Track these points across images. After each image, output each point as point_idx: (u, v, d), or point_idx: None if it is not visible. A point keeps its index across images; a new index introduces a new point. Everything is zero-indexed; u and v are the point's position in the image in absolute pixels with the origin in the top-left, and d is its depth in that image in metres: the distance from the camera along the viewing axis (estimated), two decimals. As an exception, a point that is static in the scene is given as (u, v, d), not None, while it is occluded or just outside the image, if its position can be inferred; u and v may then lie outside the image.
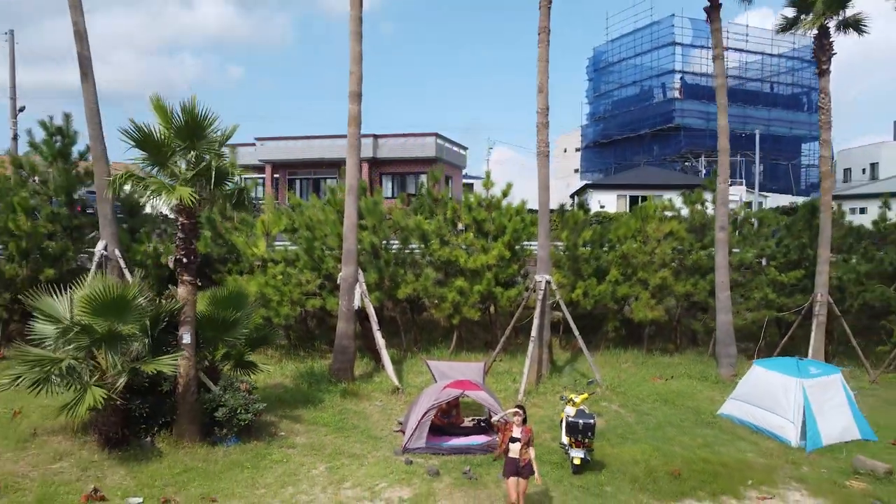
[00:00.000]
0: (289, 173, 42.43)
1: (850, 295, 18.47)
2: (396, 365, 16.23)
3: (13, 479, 9.45)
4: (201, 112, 10.68)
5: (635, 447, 11.87)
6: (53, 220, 18.38)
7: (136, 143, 10.53)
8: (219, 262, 18.80)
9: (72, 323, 10.24)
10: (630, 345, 19.23)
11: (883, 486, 10.51)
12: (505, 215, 18.25)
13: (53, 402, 11.42)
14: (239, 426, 11.17)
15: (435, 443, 11.45)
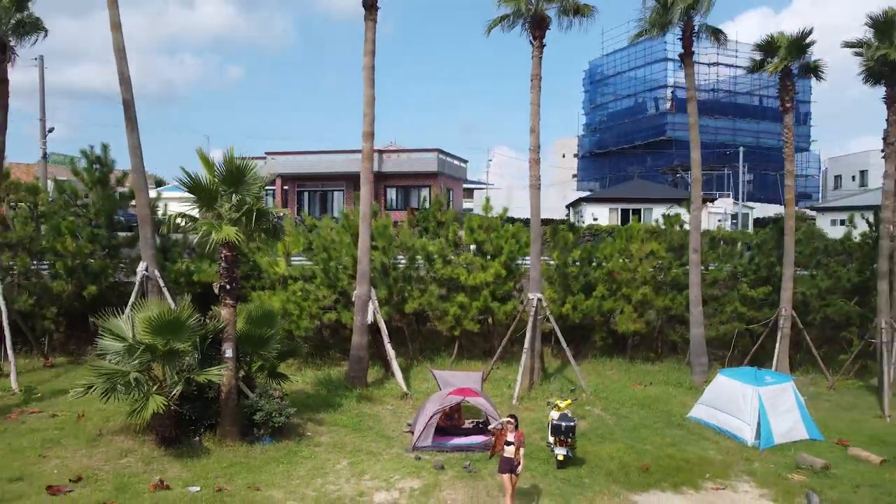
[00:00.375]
0: (298, 185, 44.32)
1: (813, 309, 20.34)
2: (404, 372, 18.08)
3: (91, 472, 11.31)
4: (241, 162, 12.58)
5: (612, 446, 13.73)
6: (94, 241, 20.21)
7: (188, 188, 12.43)
8: (243, 278, 20.65)
9: (136, 341, 12.10)
10: (615, 353, 21.09)
11: (819, 479, 12.37)
12: (502, 237, 20.12)
13: (111, 406, 13.34)
14: (273, 427, 13.04)
15: (440, 442, 13.30)
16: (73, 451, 12.21)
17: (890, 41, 16.80)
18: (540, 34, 17.04)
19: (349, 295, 18.84)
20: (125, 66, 17.07)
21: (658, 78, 55.74)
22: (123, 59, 17.05)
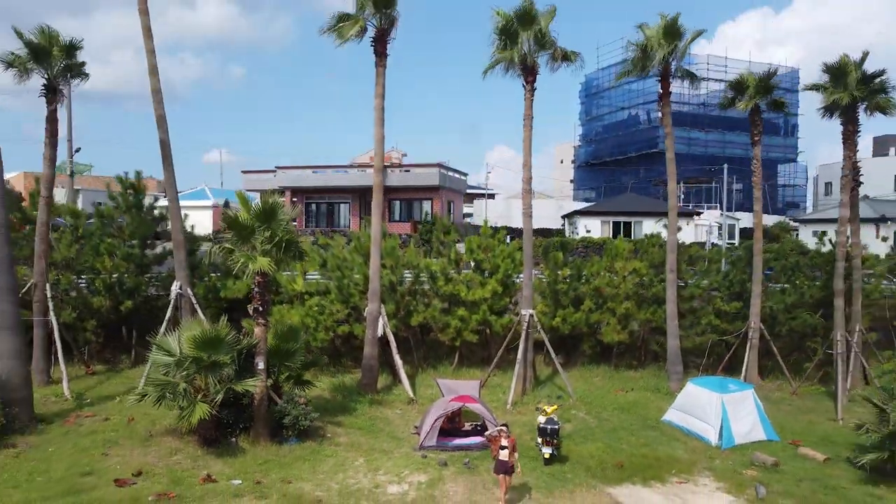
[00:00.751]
0: (305, 198, 46.28)
1: (780, 322, 22.28)
2: (410, 379, 20.02)
3: (148, 467, 13.27)
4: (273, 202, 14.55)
5: (593, 445, 15.67)
6: (128, 260, 22.22)
7: (228, 224, 14.40)
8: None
9: (183, 356, 14.06)
10: (601, 362, 23.03)
11: (768, 474, 14.30)
12: (498, 256, 22.09)
13: (155, 411, 15.31)
14: (299, 430, 14.99)
15: (443, 442, 15.24)
16: (130, 449, 14.17)
17: (843, 86, 18.77)
18: (531, 79, 19.01)
19: (360, 309, 20.82)
20: (161, 108, 19.06)
21: (651, 92, 57.64)
22: (160, 101, 19.04)
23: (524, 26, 18.30)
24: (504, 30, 18.34)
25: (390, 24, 18.96)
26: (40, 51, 18.41)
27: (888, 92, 18.94)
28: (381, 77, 19.16)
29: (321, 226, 45.44)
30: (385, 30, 18.86)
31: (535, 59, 18.73)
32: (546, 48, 18.56)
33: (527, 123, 19.13)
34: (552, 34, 18.52)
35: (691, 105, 57.02)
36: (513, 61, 18.66)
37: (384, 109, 19.18)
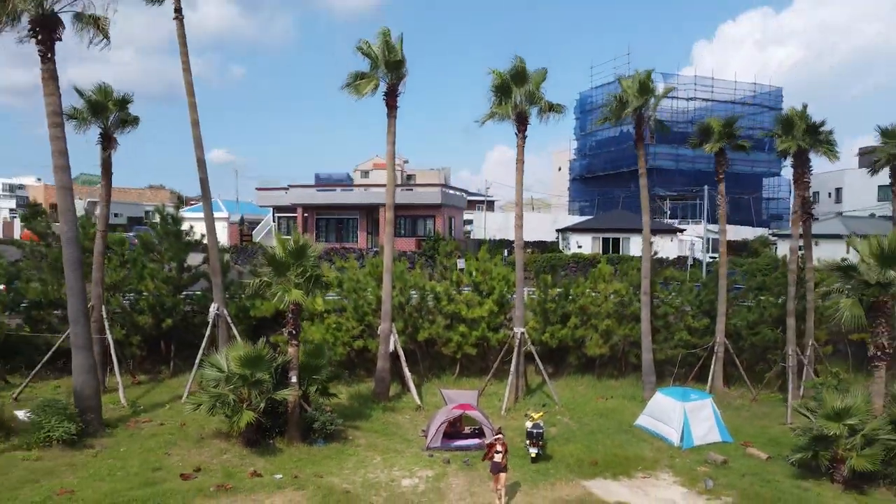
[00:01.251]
0: (316, 214, 48.99)
1: (743, 337, 24.99)
2: (416, 388, 22.71)
3: (204, 464, 15.97)
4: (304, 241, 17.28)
5: (573, 446, 18.37)
6: (167, 282, 24.97)
7: (268, 261, 17.13)
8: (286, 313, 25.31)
9: (231, 372, 16.78)
10: (586, 372, 25.73)
11: (718, 470, 16.99)
12: (495, 279, 24.82)
13: (202, 417, 17.99)
14: (326, 433, 17.69)
15: (446, 443, 17.94)
16: (187, 450, 16.89)
17: (792, 136, 21.51)
18: (523, 129, 21.75)
19: (374, 327, 23.56)
20: (201, 151, 21.80)
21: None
22: (200, 146, 21.78)
23: (517, 84, 21.06)
24: (499, 87, 21.11)
25: (399, 80, 21.71)
26: (98, 106, 21.15)
27: (831, 143, 21.71)
28: (392, 126, 21.92)
29: (330, 240, 48.15)
30: (395, 85, 21.61)
31: (527, 111, 21.48)
32: (536, 103, 21.31)
33: (519, 167, 21.88)
34: (541, 91, 21.23)
35: (679, 124, 59.66)
36: (507, 114, 21.40)
37: (395, 154, 21.91)
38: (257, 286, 17.03)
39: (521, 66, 21.06)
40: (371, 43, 21.25)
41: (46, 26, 17.38)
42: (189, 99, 21.55)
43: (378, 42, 21.11)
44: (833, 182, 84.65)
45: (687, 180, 59.13)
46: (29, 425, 17.01)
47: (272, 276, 17.26)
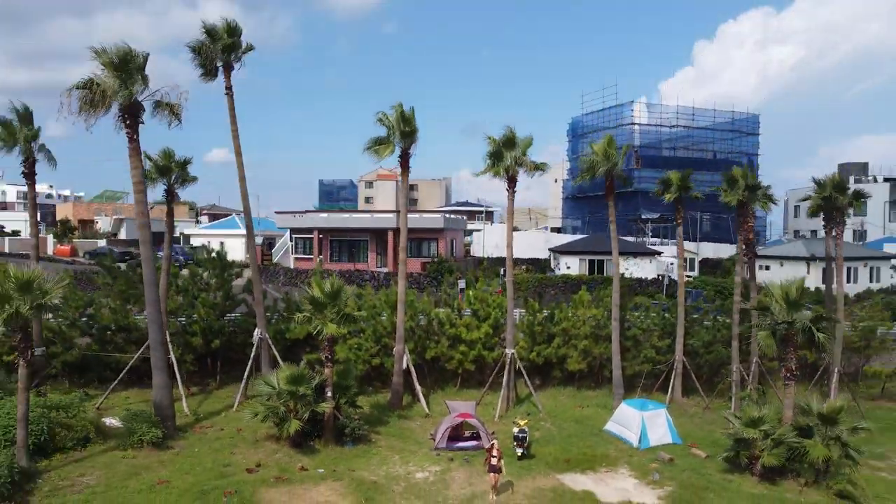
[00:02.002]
0: (330, 236, 53.27)
1: (700, 355, 29.23)
2: (425, 398, 26.92)
3: (262, 461, 20.20)
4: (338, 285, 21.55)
5: (552, 447, 22.58)
6: (214, 308, 29.21)
7: (309, 301, 21.39)
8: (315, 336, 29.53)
9: (281, 389, 21.03)
10: (567, 384, 29.95)
11: (664, 466, 21.19)
12: (491, 307, 29.05)
13: (254, 423, 22.20)
14: (354, 437, 21.92)
15: (450, 445, 22.14)
16: (247, 450, 21.15)
17: (735, 191, 25.79)
18: (512, 185, 26.04)
19: (389, 347, 27.79)
20: (248, 203, 26.09)
21: (627, 138, 64.74)
22: (247, 198, 26.08)
23: (508, 149, 25.36)
24: (493, 152, 25.41)
25: (411, 145, 25.99)
26: (164, 169, 25.47)
27: (768, 197, 26.09)
28: (406, 181, 26.21)
29: (343, 259, 52.41)
30: (407, 149, 25.90)
31: (516, 171, 25.76)
32: (523, 165, 25.60)
33: (509, 218, 26.15)
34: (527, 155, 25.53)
35: (663, 149, 63.96)
36: (499, 173, 25.68)
37: (407, 206, 26.18)
38: (301, 320, 21.24)
39: (512, 134, 25.36)
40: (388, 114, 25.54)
41: (133, 112, 21.64)
42: (237, 159, 25.89)
43: (394, 114, 25.39)
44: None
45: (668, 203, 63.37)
46: (120, 430, 21.30)
47: (312, 312, 21.53)
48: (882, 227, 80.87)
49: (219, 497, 17.55)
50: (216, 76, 25.87)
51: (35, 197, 26.06)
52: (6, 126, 24.13)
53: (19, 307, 17.27)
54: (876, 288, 49.90)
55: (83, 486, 17.95)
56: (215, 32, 25.09)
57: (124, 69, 20.80)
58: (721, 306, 31.93)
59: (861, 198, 28.60)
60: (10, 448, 18.05)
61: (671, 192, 28.19)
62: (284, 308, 30.11)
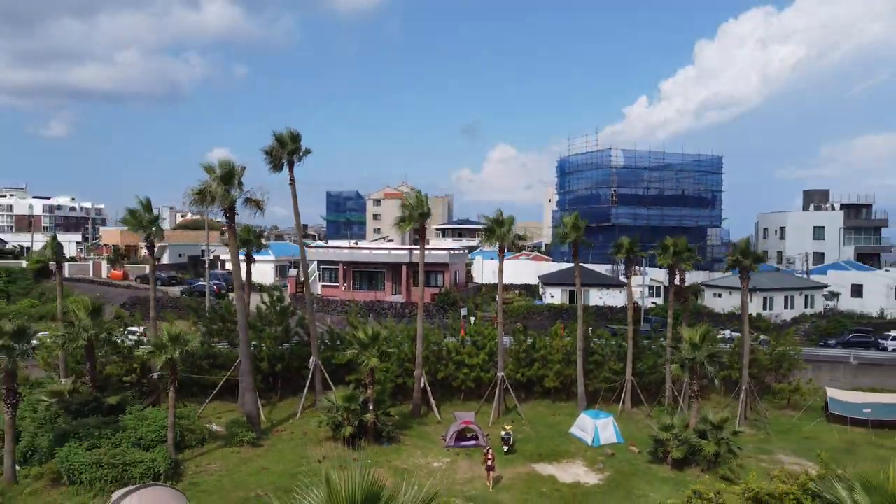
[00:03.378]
0: (353, 268, 61.45)
1: (646, 375, 37.33)
2: (437, 409, 35.03)
3: (326, 455, 28.37)
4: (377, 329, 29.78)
5: (530, 445, 30.72)
6: (276, 340, 37.39)
7: (356, 340, 29.63)
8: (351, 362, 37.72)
9: (338, 405, 29.22)
10: (545, 398, 38.05)
11: (608, 458, 29.26)
12: (487, 338, 37.23)
13: (315, 428, 30.37)
14: (389, 438, 30.09)
15: (457, 444, 30.25)
16: (314, 447, 29.33)
17: (666, 256, 33.97)
18: (502, 254, 34.24)
19: (409, 370, 35.94)
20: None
21: (606, 179, 73.06)
22: (300, 236, 34.34)
23: (499, 227, 33.61)
24: (487, 229, 33.65)
25: (426, 219, 34.21)
26: (245, 240, 33.70)
27: (692, 259, 34.31)
28: (423, 250, 34.46)
29: (363, 288, 60.56)
30: (424, 225, 34.12)
31: (504, 243, 33.99)
32: (508, 239, 33.85)
33: (500, 273, 34.36)
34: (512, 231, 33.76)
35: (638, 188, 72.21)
36: (493, 243, 33.93)
37: (425, 268, 34.41)
38: (351, 355, 29.46)
39: (501, 216, 33.59)
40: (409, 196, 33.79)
41: (231, 208, 29.93)
42: (299, 232, 34.15)
43: (413, 198, 33.63)
44: (778, 222, 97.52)
45: (643, 233, 71.47)
46: (223, 433, 29.50)
47: (359, 349, 29.74)
48: (837, 250, 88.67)
49: (303, 476, 25.71)
50: (282, 170, 34.06)
51: (155, 270, 34.28)
52: (133, 213, 32.45)
53: (173, 354, 25.49)
54: (810, 313, 57.84)
55: (212, 471, 26.17)
56: (283, 140, 33.32)
57: (228, 181, 29.09)
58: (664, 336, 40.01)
59: (759, 261, 36.64)
60: (163, 445, 26.23)
61: (622, 252, 36.36)
62: (329, 338, 38.23)
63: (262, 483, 25.23)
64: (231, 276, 57.58)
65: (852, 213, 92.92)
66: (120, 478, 23.75)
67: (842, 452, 31.52)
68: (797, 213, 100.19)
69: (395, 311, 52.49)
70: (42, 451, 25.51)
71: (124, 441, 25.84)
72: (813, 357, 43.85)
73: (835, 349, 48.69)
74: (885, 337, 50.96)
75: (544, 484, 26.51)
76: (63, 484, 24.06)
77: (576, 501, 24.57)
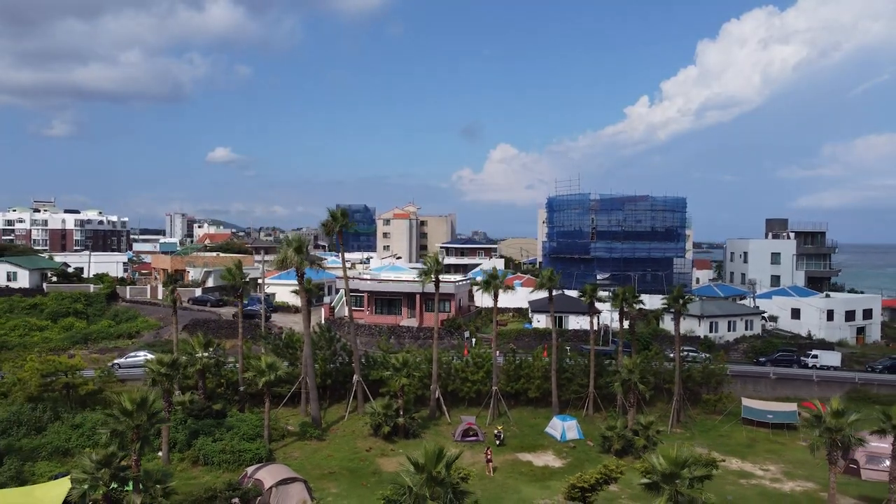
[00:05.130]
0: (375, 297, 71.94)
1: (604, 388, 47.80)
2: (448, 413, 45.49)
3: (371, 447, 38.87)
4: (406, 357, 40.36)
5: (515, 440, 41.17)
6: (325, 361, 47.93)
7: (391, 367, 40.22)
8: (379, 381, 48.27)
9: (377, 411, 39.76)
10: (529, 405, 48.35)
11: (571, 450, 39.72)
12: (485, 358, 47.81)
13: (360, 427, 40.96)
14: (414, 435, 40.57)
15: (462, 439, 40.71)
16: (361, 441, 39.84)
17: (617, 302, 44.53)
18: (495, 298, 44.83)
19: (426, 385, 46.47)
20: (347, 287, 45.01)
21: (586, 218, 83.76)
22: (346, 286, 44.97)
23: (493, 279, 44.19)
24: (485, 282, 44.21)
25: (440, 273, 44.79)
26: (310, 290, 44.33)
27: (638, 302, 44.84)
28: (437, 295, 45.11)
29: (383, 312, 71.03)
30: (437, 278, 44.70)
31: (497, 290, 44.54)
32: (500, 287, 44.41)
33: (494, 314, 44.97)
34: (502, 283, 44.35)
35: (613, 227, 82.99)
36: (489, 291, 44.50)
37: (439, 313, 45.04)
38: (386, 376, 40.05)
39: (495, 272, 44.17)
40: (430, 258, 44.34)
41: (301, 271, 40.60)
42: (346, 283, 44.80)
43: (431, 259, 44.23)
44: (742, 248, 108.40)
45: (617, 264, 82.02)
46: (295, 431, 40.07)
47: (393, 372, 40.29)
48: (791, 274, 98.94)
49: (357, 461, 36.28)
50: (333, 237, 44.70)
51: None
52: (230, 271, 43.11)
53: (270, 378, 36.07)
54: (749, 334, 68.09)
55: (295, 457, 36.71)
56: (335, 215, 43.99)
57: (300, 251, 39.81)
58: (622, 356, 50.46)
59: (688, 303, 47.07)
60: (260, 439, 36.72)
61: (586, 298, 46.91)
62: (365, 360, 48.72)
63: (331, 465, 35.80)
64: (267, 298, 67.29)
65: (807, 239, 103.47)
66: (237, 460, 34.26)
67: (744, 446, 42.23)
68: (758, 240, 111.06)
69: (412, 333, 63.00)
70: (181, 442, 36.03)
71: (235, 436, 36.39)
72: (741, 373, 54.36)
73: (765, 366, 58.91)
74: (807, 355, 61.21)
75: (524, 467, 37.04)
76: (199, 465, 34.63)
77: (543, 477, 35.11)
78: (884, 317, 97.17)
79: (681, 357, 50.44)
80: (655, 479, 20.50)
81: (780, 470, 37.88)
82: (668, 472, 20.11)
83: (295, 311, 78.78)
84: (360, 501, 31.10)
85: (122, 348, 64.08)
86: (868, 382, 54.59)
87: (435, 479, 19.81)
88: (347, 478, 34.55)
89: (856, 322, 76.63)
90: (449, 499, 19.53)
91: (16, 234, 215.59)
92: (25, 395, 41.00)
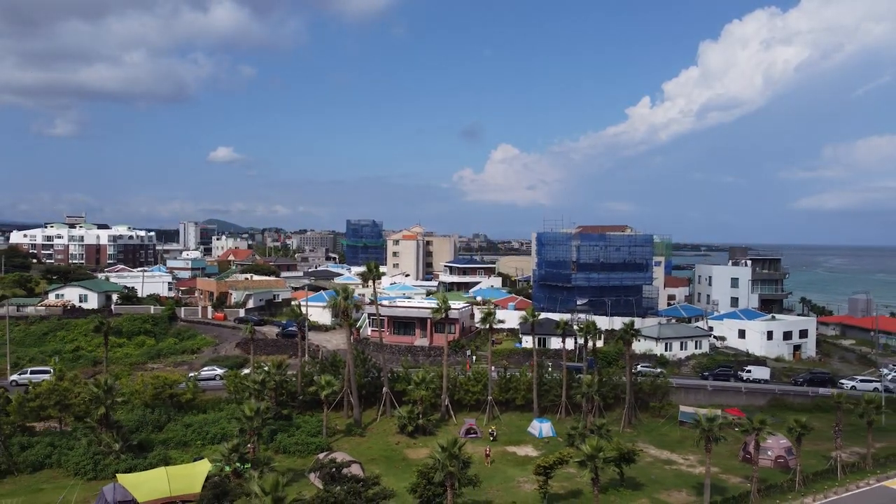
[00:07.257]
0: (393, 319, 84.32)
1: (574, 397, 60.07)
2: (455, 416, 57.75)
3: (399, 442, 51.16)
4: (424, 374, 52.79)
5: (505, 437, 53.44)
6: (361, 377, 60.24)
7: (413, 383, 52.69)
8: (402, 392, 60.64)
9: (402, 416, 52.16)
10: (516, 410, 60.51)
11: (546, 444, 51.96)
12: (483, 374, 60.16)
13: (387, 425, 53.39)
14: (430, 433, 52.85)
15: (466, 436, 52.99)
16: (391, 437, 52.16)
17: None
18: (491, 331, 57.24)
19: (438, 394, 58.81)
20: (379, 321, 57.53)
21: (568, 253, 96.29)
22: (377, 308, 57.52)
23: (490, 316, 56.64)
24: (483, 318, 56.65)
25: (448, 310, 57.23)
26: (346, 312, 56.84)
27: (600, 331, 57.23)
28: (446, 324, 57.61)
29: (399, 333, 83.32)
30: (448, 314, 57.14)
31: (492, 325, 56.94)
32: (493, 322, 56.85)
33: (489, 347, 57.40)
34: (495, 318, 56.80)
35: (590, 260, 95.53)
36: (486, 325, 56.93)
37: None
38: (410, 388, 52.50)
39: (493, 309, 56.58)
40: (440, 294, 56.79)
41: (347, 309, 53.12)
42: (375, 308, 57.33)
43: (441, 297, 56.68)
44: (707, 272, 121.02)
45: (594, 291, 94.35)
46: (342, 430, 52.49)
47: (415, 386, 52.70)
48: (747, 297, 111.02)
49: (390, 451, 48.72)
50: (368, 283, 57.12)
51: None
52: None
53: (327, 392, 48.52)
54: (699, 353, 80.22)
55: (345, 449, 49.02)
56: (370, 267, 56.50)
57: (347, 298, 52.36)
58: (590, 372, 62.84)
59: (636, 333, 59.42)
60: (320, 435, 49.05)
61: (559, 328, 59.31)
62: (391, 376, 61.06)
63: (372, 454, 48.20)
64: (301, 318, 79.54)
65: (763, 265, 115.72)
66: (306, 450, 46.59)
67: (676, 442, 54.57)
68: (720, 266, 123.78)
69: (425, 352, 75.46)
70: (264, 437, 48.43)
71: (302, 433, 48.79)
72: (685, 385, 66.65)
73: (707, 379, 70.93)
74: (742, 370, 73.39)
75: (510, 456, 49.39)
76: (280, 453, 47.07)
77: (524, 463, 47.49)
78: (835, 331, 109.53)
79: (634, 372, 62.78)
80: (583, 459, 32.84)
81: (697, 459, 50.08)
82: (589, 454, 32.46)
83: (325, 330, 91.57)
84: (396, 478, 43.31)
85: (188, 362, 76.58)
86: (786, 393, 66.92)
87: (452, 455, 31.81)
88: (385, 463, 46.91)
89: (793, 341, 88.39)
90: (459, 467, 31.67)
91: (55, 249, 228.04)
92: (142, 402, 53.50)
